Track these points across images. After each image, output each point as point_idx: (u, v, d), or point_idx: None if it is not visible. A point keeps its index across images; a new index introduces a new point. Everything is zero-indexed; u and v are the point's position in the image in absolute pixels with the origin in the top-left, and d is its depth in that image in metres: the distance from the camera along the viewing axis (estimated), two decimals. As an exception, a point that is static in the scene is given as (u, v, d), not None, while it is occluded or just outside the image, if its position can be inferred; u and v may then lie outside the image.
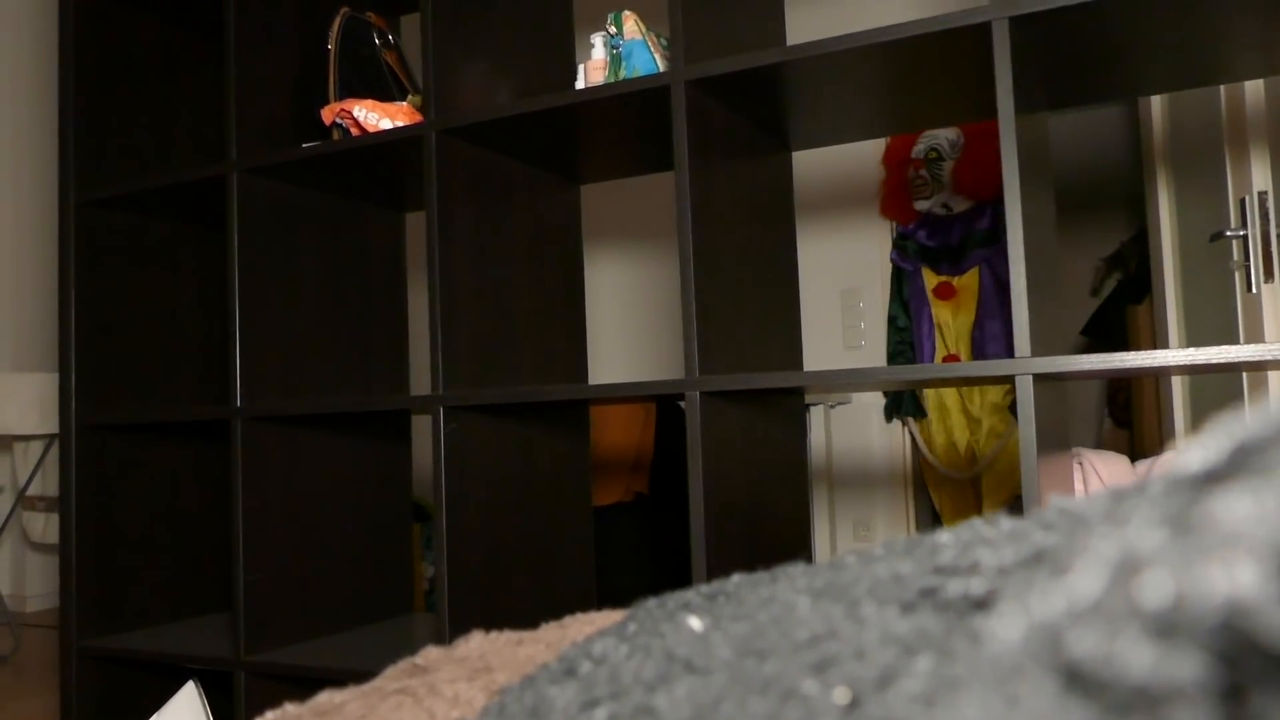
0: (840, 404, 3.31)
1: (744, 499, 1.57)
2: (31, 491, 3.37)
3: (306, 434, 1.92)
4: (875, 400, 3.30)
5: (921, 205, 3.14)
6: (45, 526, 3.43)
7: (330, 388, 1.99)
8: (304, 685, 1.75)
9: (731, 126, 1.63)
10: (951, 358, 3.10)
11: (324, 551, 1.95)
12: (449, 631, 1.61)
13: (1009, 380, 1.32)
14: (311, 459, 1.93)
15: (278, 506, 1.86)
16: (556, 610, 1.84)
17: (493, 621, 1.69)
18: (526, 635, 0.58)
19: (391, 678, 0.56)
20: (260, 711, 0.49)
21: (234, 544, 1.80)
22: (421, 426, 2.23)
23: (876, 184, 3.28)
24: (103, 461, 2.07)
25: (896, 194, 3.18)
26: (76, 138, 2.04)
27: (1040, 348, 1.34)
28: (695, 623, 0.38)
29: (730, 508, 1.52)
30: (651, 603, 0.45)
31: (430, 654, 0.57)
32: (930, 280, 3.16)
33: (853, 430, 3.32)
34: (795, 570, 0.40)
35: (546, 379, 1.89)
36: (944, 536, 0.35)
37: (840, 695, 0.24)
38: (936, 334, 3.15)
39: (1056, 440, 1.51)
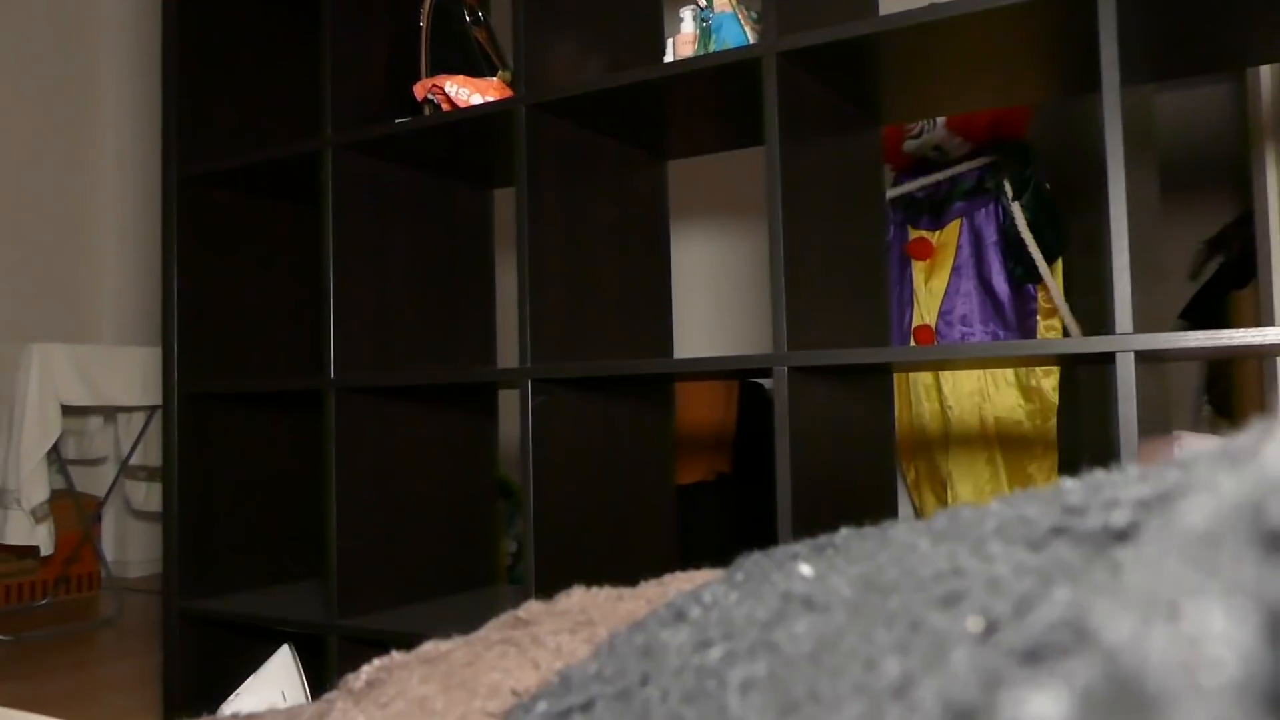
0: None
1: (831, 476, 1.56)
2: (133, 461, 3.50)
3: (397, 405, 1.96)
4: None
5: (910, 146, 2.68)
6: (146, 495, 3.56)
7: (420, 361, 2.03)
8: (395, 649, 1.79)
9: (822, 100, 1.61)
10: (924, 329, 2.67)
11: (413, 521, 1.99)
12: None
13: (1108, 359, 1.28)
14: (402, 430, 1.97)
15: (369, 476, 1.90)
16: (640, 584, 1.86)
17: (577, 593, 1.71)
18: (627, 591, 0.58)
19: (495, 629, 0.57)
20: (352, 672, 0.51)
21: (327, 512, 1.85)
22: (507, 403, 2.26)
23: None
24: (203, 431, 2.14)
25: (889, 132, 2.68)
26: (179, 115, 2.11)
27: (1142, 326, 1.30)
28: (807, 569, 0.38)
29: (817, 485, 1.51)
30: (757, 555, 0.45)
31: (532, 608, 0.58)
32: (913, 237, 2.75)
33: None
34: (907, 524, 0.40)
35: (632, 354, 1.90)
36: (1069, 483, 0.34)
37: (974, 624, 0.24)
38: (915, 300, 2.73)
39: (1157, 423, 1.47)
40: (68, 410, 3.13)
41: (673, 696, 0.32)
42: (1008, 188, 2.57)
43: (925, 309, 2.69)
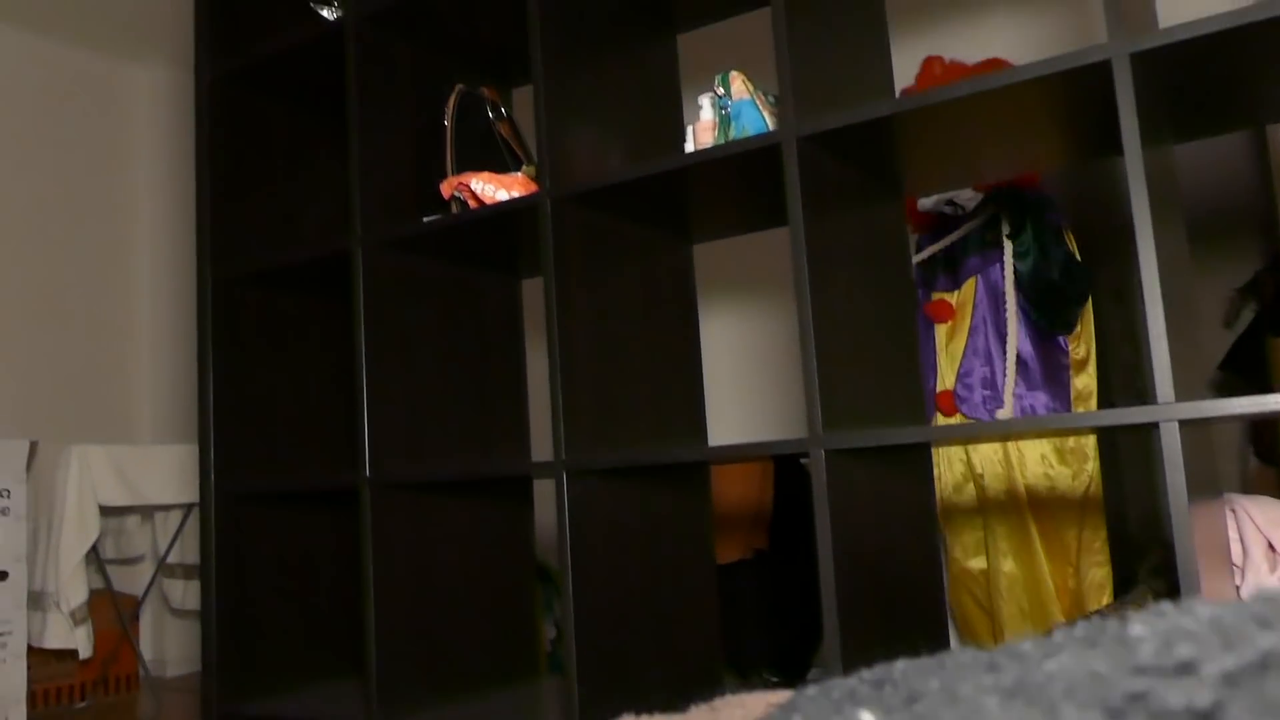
0: (963, 451, 3.22)
1: (873, 555, 1.54)
2: (170, 559, 3.51)
3: (433, 499, 1.95)
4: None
5: (925, 203, 2.58)
6: (184, 593, 3.56)
7: (454, 453, 2.03)
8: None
9: (844, 178, 1.62)
10: (944, 395, 2.59)
11: (452, 614, 1.97)
12: (578, 696, 1.60)
13: (1152, 427, 1.26)
14: (438, 523, 1.96)
15: (406, 570, 1.89)
16: (684, 672, 1.82)
17: (621, 684, 1.68)
18: (677, 718, 0.57)
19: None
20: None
21: (365, 608, 1.84)
22: (542, 487, 2.26)
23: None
24: (240, 529, 2.14)
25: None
26: (213, 218, 2.15)
27: (1183, 391, 1.28)
28: (868, 717, 0.37)
29: (859, 565, 1.48)
30: (812, 691, 0.44)
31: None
32: (934, 299, 2.67)
33: (977, 478, 3.22)
34: (966, 659, 0.39)
35: (666, 438, 1.89)
36: (1136, 628, 0.33)
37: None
38: (937, 365, 2.64)
39: (1206, 487, 1.44)
40: (106, 510, 3.15)
41: None
42: (1006, 232, 2.51)
43: (946, 373, 2.62)
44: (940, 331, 2.65)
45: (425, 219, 1.87)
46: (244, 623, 2.13)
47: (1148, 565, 2.52)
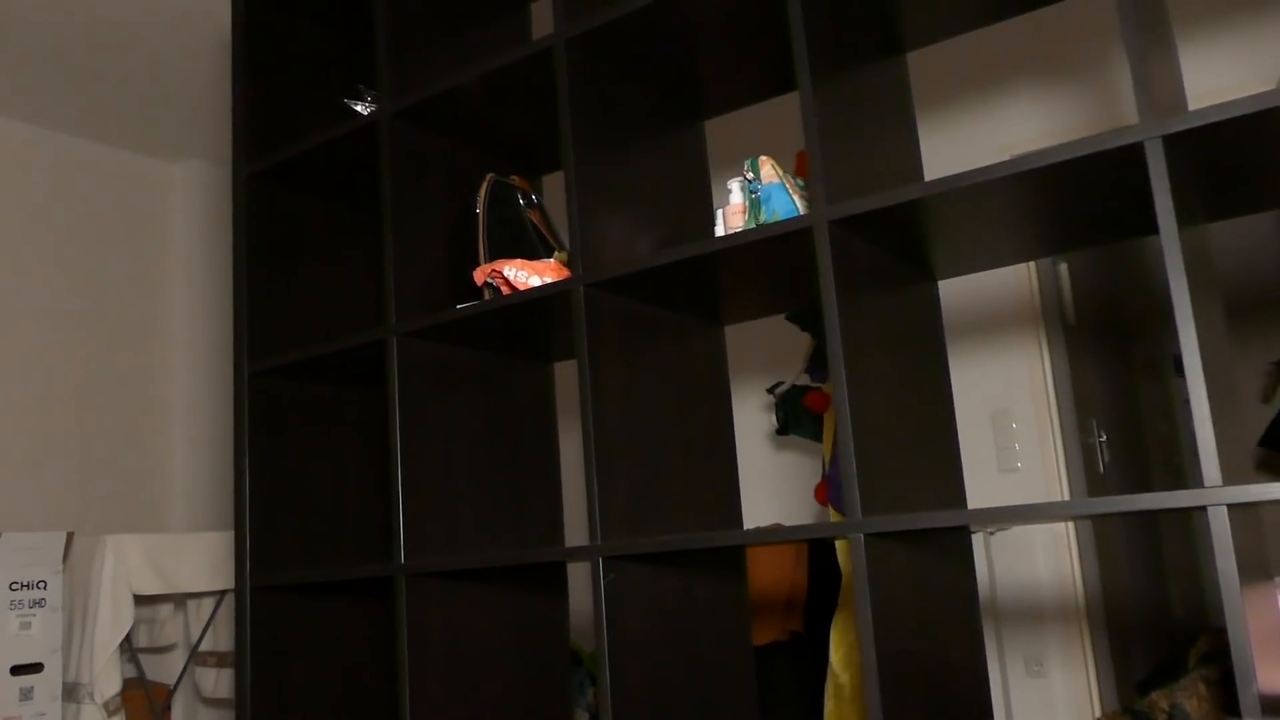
0: (1000, 530, 3.17)
1: (913, 639, 1.50)
2: (203, 647, 3.49)
3: (467, 586, 1.94)
4: (1038, 526, 3.15)
5: None
6: (216, 681, 3.53)
7: (488, 539, 2.02)
8: None
9: (876, 261, 1.62)
10: (820, 486, 2.60)
11: (486, 702, 1.94)
12: (617, 791, 1.56)
13: (1199, 511, 1.24)
14: (472, 610, 1.94)
15: (440, 658, 1.87)
16: (724, 764, 1.78)
17: (660, 779, 1.64)
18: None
19: None
20: None
21: (400, 696, 1.82)
22: (576, 571, 2.24)
23: (1023, 301, 3.20)
24: (275, 619, 2.13)
25: None
26: (249, 313, 2.18)
27: (1229, 473, 1.25)
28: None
29: (901, 649, 1.45)
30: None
31: None
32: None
33: (1015, 558, 3.17)
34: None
35: (700, 522, 1.88)
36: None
37: None
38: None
39: (1257, 570, 1.40)
40: (140, 599, 3.15)
41: None
42: None
43: (827, 463, 2.62)
44: (826, 422, 2.68)
45: (459, 306, 1.89)
46: (279, 712, 2.11)
47: (1197, 651, 2.45)
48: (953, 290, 3.29)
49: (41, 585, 2.73)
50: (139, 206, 4.51)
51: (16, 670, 2.66)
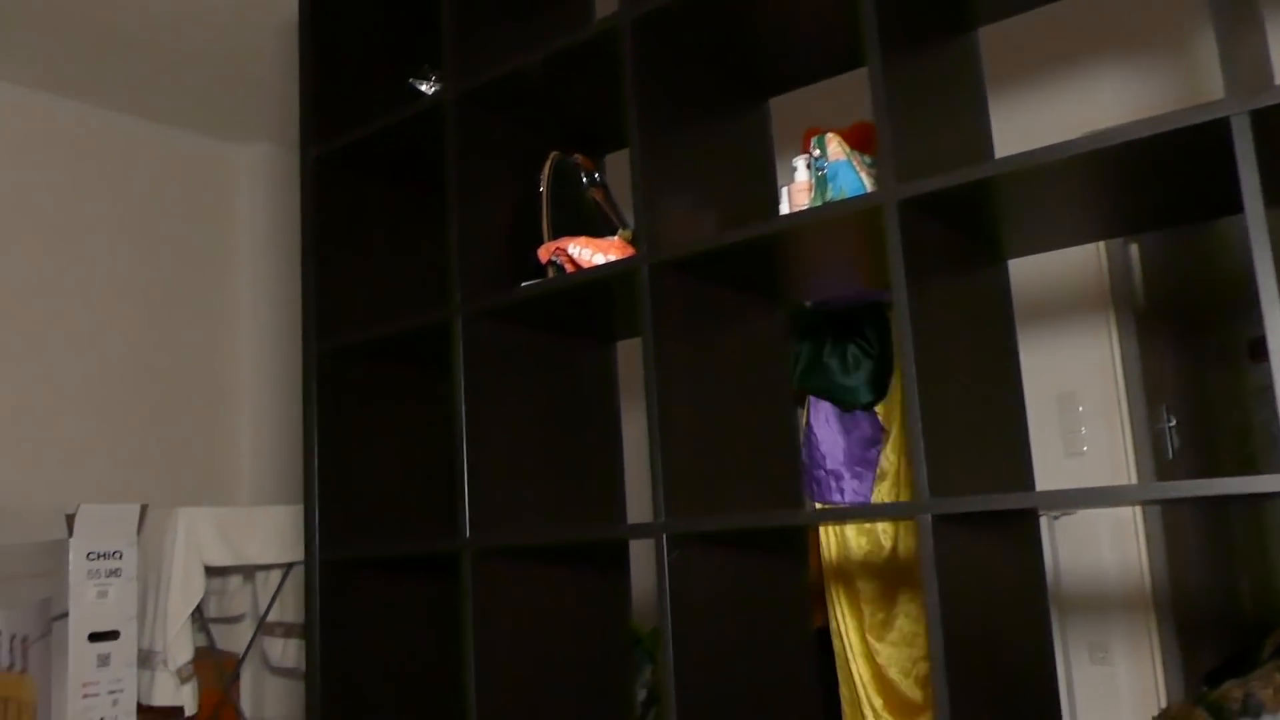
0: (1064, 515, 3.12)
1: (979, 624, 1.49)
2: (271, 618, 3.57)
3: (530, 563, 1.96)
4: (1103, 511, 3.09)
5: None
6: (283, 651, 3.61)
7: (551, 516, 2.04)
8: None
9: (945, 241, 1.60)
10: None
11: (547, 677, 1.96)
12: (679, 768, 1.57)
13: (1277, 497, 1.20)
14: (535, 587, 1.97)
15: (503, 634, 1.89)
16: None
17: (722, 757, 1.65)
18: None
19: None
20: None
21: (464, 669, 1.84)
22: (637, 551, 2.25)
23: (1093, 283, 3.12)
24: (342, 592, 2.17)
25: None
26: (317, 293, 2.22)
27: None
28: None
29: (966, 634, 1.44)
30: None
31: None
32: None
33: (1080, 544, 3.11)
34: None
35: (763, 502, 1.87)
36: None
37: None
38: None
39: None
40: (210, 570, 3.23)
41: None
42: None
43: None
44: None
45: (523, 284, 1.90)
46: (346, 683, 2.15)
47: (1272, 642, 2.40)
48: (1022, 271, 3.22)
49: (117, 556, 2.80)
50: (208, 188, 4.60)
51: (94, 638, 2.74)
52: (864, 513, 1.50)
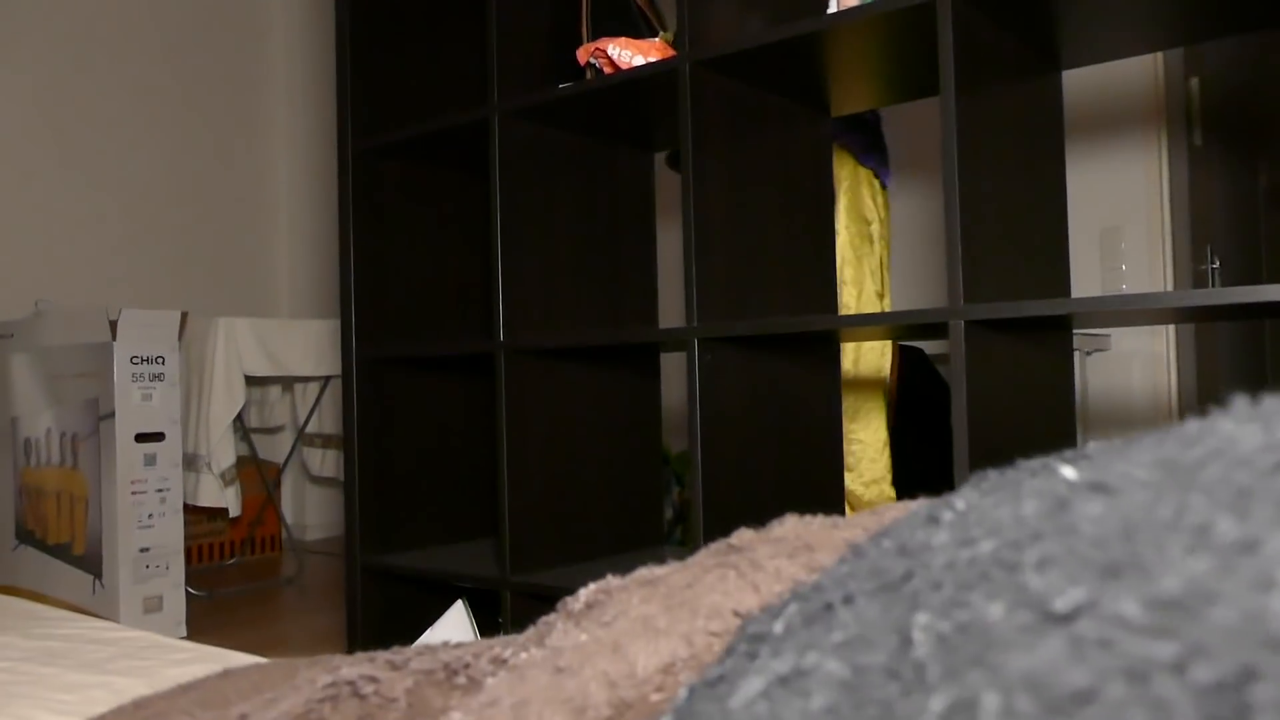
0: (1097, 351, 3.11)
1: (1009, 441, 1.51)
2: (310, 429, 3.68)
3: (564, 366, 1.99)
4: (1136, 346, 3.08)
5: None
6: (323, 461, 3.74)
7: (586, 321, 2.06)
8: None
9: (999, 45, 1.54)
10: None
11: (581, 481, 2.02)
12: (704, 559, 1.63)
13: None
14: (569, 391, 2.00)
15: (538, 436, 1.94)
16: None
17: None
18: (841, 520, 0.57)
19: (709, 554, 0.57)
20: (522, 627, 0.53)
21: (499, 471, 1.90)
22: (669, 364, 2.28)
23: (1149, 107, 3.02)
24: (380, 396, 2.23)
25: None
26: (353, 91, 2.19)
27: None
28: (1070, 471, 0.36)
29: (995, 450, 1.46)
30: (992, 472, 0.43)
31: (744, 535, 0.58)
32: None
33: (1111, 379, 3.12)
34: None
35: (798, 312, 1.88)
36: None
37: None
38: None
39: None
40: (249, 381, 3.31)
41: (947, 586, 0.31)
42: None
43: None
44: None
45: (562, 86, 1.87)
46: (384, 486, 2.23)
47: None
48: (1074, 91, 3.12)
49: (160, 360, 2.88)
50: (239, -2, 4.50)
51: (140, 438, 2.84)
52: (893, 318, 1.50)
